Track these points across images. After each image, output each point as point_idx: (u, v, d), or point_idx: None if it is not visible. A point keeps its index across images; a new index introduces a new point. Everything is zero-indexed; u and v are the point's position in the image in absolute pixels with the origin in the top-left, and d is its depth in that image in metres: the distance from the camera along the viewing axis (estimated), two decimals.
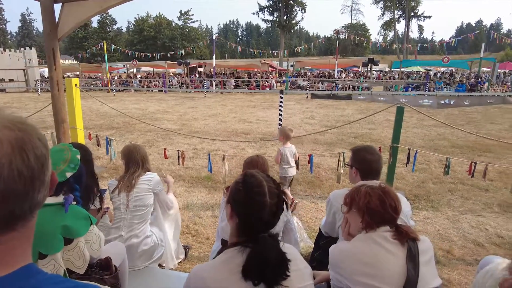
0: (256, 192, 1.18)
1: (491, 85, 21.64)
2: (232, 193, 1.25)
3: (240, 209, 1.21)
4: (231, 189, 1.26)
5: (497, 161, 6.24)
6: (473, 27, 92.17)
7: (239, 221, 1.21)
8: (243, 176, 1.26)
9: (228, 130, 9.30)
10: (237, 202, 1.22)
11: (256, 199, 1.17)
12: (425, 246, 1.38)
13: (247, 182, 1.22)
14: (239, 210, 1.21)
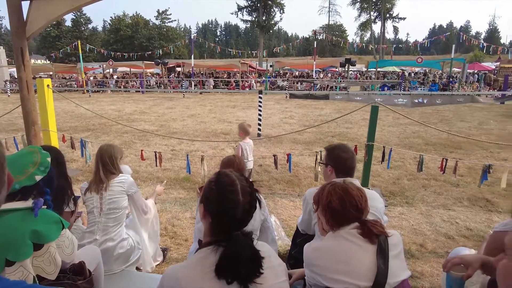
0: (229, 191, 1.19)
1: (461, 84, 22.52)
2: (205, 193, 1.25)
3: (213, 208, 1.21)
4: (204, 189, 1.26)
5: (467, 158, 6.50)
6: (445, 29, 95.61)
7: (212, 220, 1.21)
8: (216, 175, 1.26)
9: (208, 131, 9.25)
10: (210, 201, 1.22)
11: (229, 198, 1.18)
12: (395, 241, 1.42)
13: (220, 181, 1.23)
14: (212, 209, 1.21)
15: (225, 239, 1.17)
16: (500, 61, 25.58)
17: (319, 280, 1.39)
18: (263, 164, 6.03)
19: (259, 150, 7.12)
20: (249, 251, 1.15)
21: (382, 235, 1.38)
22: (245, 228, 1.24)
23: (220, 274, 1.11)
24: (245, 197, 1.19)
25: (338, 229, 1.44)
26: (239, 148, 4.42)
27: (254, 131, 8.64)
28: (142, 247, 2.74)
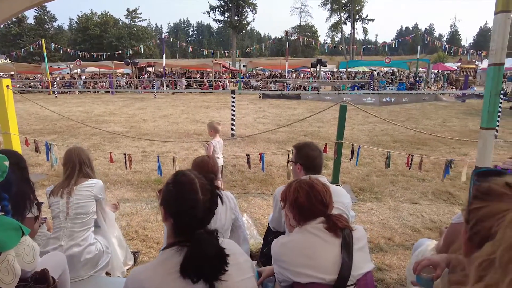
0: (187, 191, 1.18)
1: (427, 84, 23.52)
2: (164, 194, 1.24)
3: (174, 209, 1.21)
4: (163, 191, 1.26)
5: (432, 153, 6.80)
6: (411, 30, 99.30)
7: (174, 221, 1.21)
8: (174, 176, 1.26)
9: (180, 131, 9.12)
10: (170, 203, 1.21)
11: (188, 197, 1.17)
12: (359, 234, 1.47)
13: (178, 182, 1.22)
14: (173, 210, 1.21)
15: (188, 239, 1.16)
16: (461, 62, 26.93)
17: (287, 276, 1.41)
18: (236, 164, 6.02)
19: (232, 150, 7.11)
20: (213, 249, 1.15)
21: (346, 229, 1.42)
22: (215, 227, 1.25)
23: (185, 274, 1.11)
24: (205, 195, 1.19)
25: (304, 224, 1.47)
26: (211, 147, 4.43)
27: (228, 131, 8.63)
28: (111, 252, 2.66)
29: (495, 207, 0.71)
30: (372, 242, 3.43)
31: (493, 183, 0.76)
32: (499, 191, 0.74)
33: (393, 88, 22.32)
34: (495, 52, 2.96)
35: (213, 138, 4.56)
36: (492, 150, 3.18)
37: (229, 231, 2.15)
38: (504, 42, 2.92)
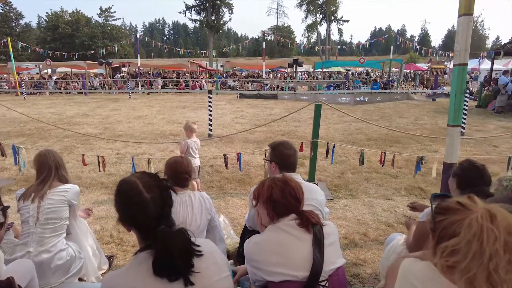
0: (131, 196, 1.18)
1: (400, 83, 24.27)
2: (116, 208, 1.24)
3: (127, 218, 1.21)
4: (114, 206, 1.25)
5: (404, 151, 7.02)
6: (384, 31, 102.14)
7: (134, 228, 1.22)
8: (117, 186, 1.26)
9: (156, 132, 8.97)
10: (122, 213, 1.22)
11: (134, 201, 1.17)
12: (330, 230, 1.50)
13: (120, 191, 1.22)
14: (127, 219, 1.22)
15: (153, 239, 1.16)
16: (431, 62, 27.97)
17: (260, 275, 1.42)
18: (214, 165, 6.00)
19: (210, 150, 7.07)
20: (179, 242, 1.15)
21: (317, 225, 1.45)
22: (190, 228, 1.26)
23: (158, 273, 1.10)
24: (151, 192, 1.19)
25: (278, 220, 1.49)
26: (186, 145, 4.40)
27: (205, 131, 8.57)
28: (85, 256, 2.59)
29: (454, 218, 0.98)
30: (347, 238, 3.51)
31: (449, 202, 1.05)
32: (454, 207, 1.01)
33: (367, 87, 22.89)
34: (459, 53, 3.10)
35: (189, 138, 4.52)
36: (458, 146, 3.33)
37: (205, 231, 2.14)
38: (467, 43, 3.06)
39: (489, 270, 0.87)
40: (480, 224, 0.91)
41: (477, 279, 0.88)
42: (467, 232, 0.92)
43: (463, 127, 8.75)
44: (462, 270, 0.91)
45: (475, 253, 0.89)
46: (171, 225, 1.22)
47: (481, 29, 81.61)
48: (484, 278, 0.88)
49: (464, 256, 0.90)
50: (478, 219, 0.92)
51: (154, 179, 1.24)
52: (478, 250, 0.89)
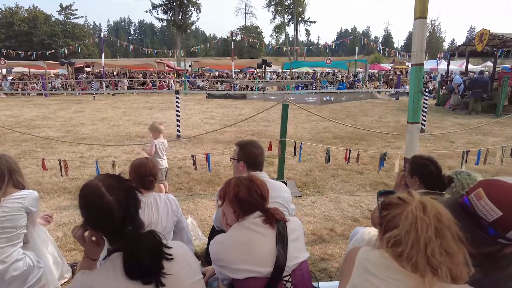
0: (93, 199, 1.16)
1: (365, 83, 25.10)
2: (81, 214, 1.22)
3: (92, 222, 1.20)
4: (80, 212, 1.23)
5: (369, 148, 7.28)
6: (350, 33, 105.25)
7: (102, 233, 1.21)
8: (79, 192, 1.23)
9: (121, 134, 8.71)
10: (87, 219, 1.20)
11: (97, 205, 1.15)
12: (294, 226, 1.54)
13: (83, 196, 1.20)
14: (92, 223, 1.20)
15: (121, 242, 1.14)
16: (394, 63, 29.16)
17: (226, 274, 1.43)
18: (182, 166, 5.92)
19: (178, 151, 6.97)
20: (148, 242, 1.14)
21: (281, 222, 1.48)
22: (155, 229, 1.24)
23: (130, 275, 1.10)
24: (115, 194, 1.17)
25: (243, 219, 1.51)
26: (153, 146, 4.30)
27: (173, 132, 8.43)
28: (44, 266, 2.47)
29: (395, 211, 1.07)
30: (315, 234, 3.60)
31: (391, 198, 1.14)
32: (395, 202, 1.10)
33: (334, 87, 23.47)
34: (415, 54, 3.27)
35: (156, 139, 4.42)
36: (417, 142, 3.50)
37: (172, 233, 2.11)
38: (423, 44, 3.23)
39: (427, 255, 0.97)
40: (414, 215, 1.01)
41: (419, 265, 0.98)
42: (405, 223, 1.02)
43: (423, 124, 9.20)
44: (406, 258, 1.00)
45: (413, 242, 0.99)
46: (140, 227, 1.21)
47: (438, 32, 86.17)
48: (424, 262, 0.97)
49: (405, 245, 1.00)
50: (413, 211, 1.02)
51: (117, 181, 1.22)
52: (415, 238, 0.99)
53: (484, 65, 32.57)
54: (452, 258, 0.98)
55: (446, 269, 0.96)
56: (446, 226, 1.00)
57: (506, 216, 1.07)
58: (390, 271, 1.03)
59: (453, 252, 0.98)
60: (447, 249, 0.98)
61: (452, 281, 0.97)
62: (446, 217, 1.02)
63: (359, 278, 1.08)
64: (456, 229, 1.01)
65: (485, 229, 1.12)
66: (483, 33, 13.47)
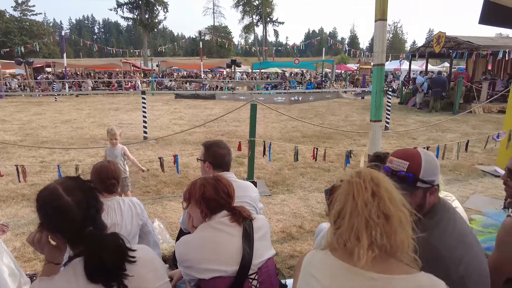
0: (50, 201, 1.14)
1: (332, 83, 25.73)
2: (39, 218, 1.19)
3: (50, 225, 1.16)
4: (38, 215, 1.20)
5: (336, 146, 7.47)
6: (317, 34, 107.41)
7: (62, 236, 1.17)
8: (37, 195, 1.20)
9: (86, 137, 8.38)
10: (45, 221, 1.17)
11: (55, 206, 1.13)
12: (260, 224, 1.55)
13: (40, 198, 1.18)
14: (50, 226, 1.16)
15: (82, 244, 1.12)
16: (360, 63, 30.09)
17: (192, 275, 1.42)
18: (150, 169, 5.78)
19: (146, 153, 6.81)
20: (109, 243, 1.13)
21: (247, 220, 1.49)
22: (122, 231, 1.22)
23: (92, 278, 1.07)
24: (74, 195, 1.15)
25: (210, 218, 1.50)
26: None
27: (140, 134, 8.23)
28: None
29: (336, 192, 1.10)
30: (285, 232, 3.64)
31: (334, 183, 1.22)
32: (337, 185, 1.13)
33: (303, 87, 23.86)
34: (377, 54, 3.39)
35: (113, 146, 4.16)
36: (380, 139, 3.64)
37: (137, 237, 2.06)
38: (384, 45, 3.36)
39: (365, 217, 0.97)
40: (350, 182, 1.04)
41: (359, 231, 0.97)
42: (343, 193, 1.05)
43: (388, 122, 9.58)
44: (347, 229, 1.00)
45: (352, 208, 1.00)
46: (102, 228, 1.19)
47: (400, 34, 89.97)
48: (363, 227, 0.97)
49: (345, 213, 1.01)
50: (349, 179, 1.06)
51: (76, 182, 1.21)
52: (353, 204, 1.00)
53: (442, 66, 34.43)
54: (389, 220, 0.97)
55: (382, 232, 0.96)
56: (383, 188, 1.01)
57: (411, 164, 1.35)
58: (333, 268, 1.02)
59: (390, 214, 0.98)
60: (384, 211, 0.97)
61: (390, 249, 0.97)
62: (383, 180, 1.04)
63: (304, 285, 1.07)
64: (395, 191, 1.03)
65: (406, 179, 1.33)
66: (440, 36, 14.23)
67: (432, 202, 1.37)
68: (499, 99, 11.20)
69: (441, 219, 1.33)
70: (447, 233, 1.29)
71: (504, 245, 1.47)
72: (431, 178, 1.35)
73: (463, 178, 5.52)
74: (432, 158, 1.39)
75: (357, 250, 0.96)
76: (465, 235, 1.32)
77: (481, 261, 1.31)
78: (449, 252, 1.24)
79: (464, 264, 1.23)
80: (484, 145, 6.00)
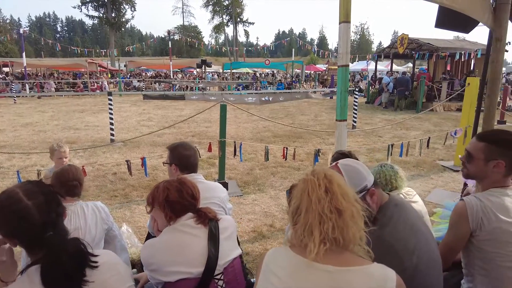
0: (9, 204, 1.10)
1: (302, 83, 26.16)
2: None
3: (10, 230, 1.11)
4: None
5: (306, 145, 7.61)
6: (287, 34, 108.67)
7: (19, 241, 1.12)
8: None
9: (48, 141, 8.00)
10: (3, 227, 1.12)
11: (13, 209, 1.09)
12: (226, 224, 1.56)
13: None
14: (10, 232, 1.12)
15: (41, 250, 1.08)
16: (328, 64, 30.78)
17: (158, 278, 1.41)
18: (117, 172, 5.62)
19: (112, 157, 6.61)
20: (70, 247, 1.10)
21: (213, 221, 1.50)
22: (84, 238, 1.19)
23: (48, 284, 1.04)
24: (34, 198, 1.12)
25: (175, 221, 1.49)
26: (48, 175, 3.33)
27: (107, 136, 7.98)
28: None
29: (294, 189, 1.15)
30: (256, 231, 3.67)
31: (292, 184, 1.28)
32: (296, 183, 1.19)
33: (273, 88, 24.10)
34: (341, 56, 3.49)
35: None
36: (346, 138, 3.74)
37: (102, 242, 2.01)
38: (348, 47, 3.45)
39: (319, 212, 1.02)
40: (305, 180, 1.10)
41: (313, 225, 1.02)
42: (299, 191, 1.10)
43: (355, 121, 9.87)
44: (302, 224, 1.04)
45: (307, 204, 1.04)
46: (63, 233, 1.16)
47: (367, 35, 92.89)
48: (317, 222, 1.01)
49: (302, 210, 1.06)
50: (304, 178, 1.11)
51: (37, 185, 1.17)
52: (308, 200, 1.05)
53: (406, 66, 35.96)
54: (342, 214, 1.02)
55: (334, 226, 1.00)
56: (335, 184, 1.06)
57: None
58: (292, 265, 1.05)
59: (342, 209, 1.02)
60: (337, 206, 1.02)
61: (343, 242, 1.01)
62: (335, 177, 1.09)
63: (264, 282, 1.09)
64: (348, 187, 1.09)
65: None
66: (403, 37, 14.87)
67: (377, 201, 1.42)
68: (457, 98, 11.84)
69: (392, 215, 1.40)
70: (399, 228, 1.36)
71: (455, 225, 1.57)
72: (361, 186, 1.38)
73: (425, 173, 5.80)
74: (352, 168, 1.42)
75: (309, 244, 1.01)
76: (417, 226, 1.41)
77: (432, 248, 1.40)
78: (402, 245, 1.31)
79: (416, 253, 1.30)
80: (444, 141, 6.34)
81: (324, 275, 1.00)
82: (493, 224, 1.47)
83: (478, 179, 1.67)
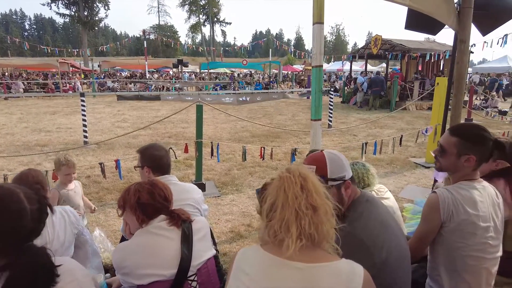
0: (9, 202, 1.05)
1: (279, 83, 26.35)
2: None
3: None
4: None
5: (283, 144, 7.67)
6: (264, 35, 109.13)
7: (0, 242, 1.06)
8: None
9: (17, 144, 7.67)
10: None
11: (13, 208, 1.05)
12: (199, 225, 1.55)
13: None
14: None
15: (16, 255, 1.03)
16: (305, 64, 31.17)
17: (130, 281, 1.38)
18: (91, 175, 5.47)
19: (86, 159, 6.42)
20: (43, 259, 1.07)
21: (186, 222, 1.49)
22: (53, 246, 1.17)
23: None
24: (32, 204, 1.08)
25: (147, 224, 1.47)
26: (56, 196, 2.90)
27: (80, 138, 7.74)
28: None
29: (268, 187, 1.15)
30: (233, 231, 3.67)
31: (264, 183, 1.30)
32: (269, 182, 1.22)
33: (251, 88, 24.14)
34: (315, 56, 3.54)
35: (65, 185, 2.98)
36: (320, 137, 3.79)
37: (72, 248, 1.94)
38: (321, 47, 3.51)
39: (295, 208, 1.03)
40: (281, 177, 1.11)
41: (290, 221, 1.03)
42: (275, 188, 1.10)
43: (330, 120, 10.04)
44: (278, 220, 1.05)
45: (283, 200, 1.06)
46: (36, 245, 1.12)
47: (343, 36, 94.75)
48: (294, 218, 1.03)
49: (277, 206, 1.06)
50: (280, 175, 1.12)
51: (35, 193, 1.14)
52: (284, 196, 1.06)
53: (380, 66, 36.92)
54: (317, 211, 1.05)
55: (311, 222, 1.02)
56: (310, 182, 1.09)
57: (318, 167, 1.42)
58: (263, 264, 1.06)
59: (317, 206, 1.05)
60: (312, 203, 1.05)
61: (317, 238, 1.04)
62: (309, 175, 1.12)
63: (235, 281, 1.09)
64: (320, 185, 1.11)
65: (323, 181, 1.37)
66: (377, 38, 15.26)
67: (350, 195, 1.47)
68: (427, 97, 12.29)
69: (363, 211, 1.44)
70: (370, 223, 1.39)
71: (427, 217, 1.63)
72: (340, 174, 1.44)
73: (398, 170, 5.98)
74: (336, 157, 1.48)
75: (286, 240, 1.02)
76: (387, 221, 1.45)
77: (401, 243, 1.45)
78: (372, 241, 1.34)
79: (386, 248, 1.34)
80: (415, 139, 6.56)
81: (295, 272, 1.01)
82: (461, 216, 1.54)
83: (450, 172, 1.73)
